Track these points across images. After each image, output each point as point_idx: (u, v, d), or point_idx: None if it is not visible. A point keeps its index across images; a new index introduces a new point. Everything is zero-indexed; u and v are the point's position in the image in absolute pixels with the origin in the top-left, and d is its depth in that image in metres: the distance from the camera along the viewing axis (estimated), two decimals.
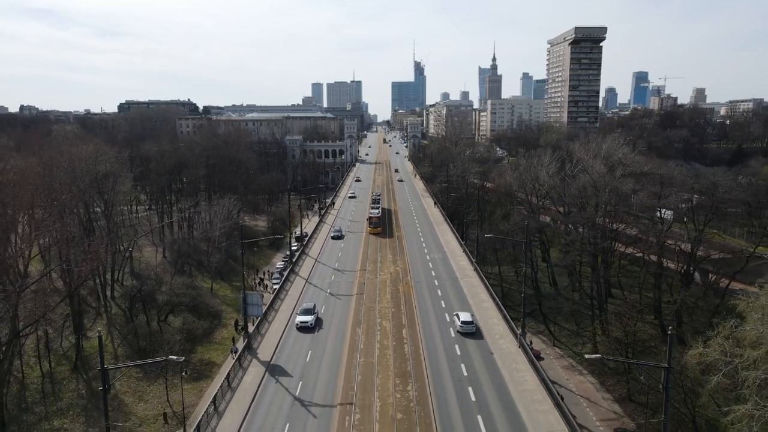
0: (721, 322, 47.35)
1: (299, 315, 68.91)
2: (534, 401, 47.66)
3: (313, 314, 69.04)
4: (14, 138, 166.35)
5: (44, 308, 57.63)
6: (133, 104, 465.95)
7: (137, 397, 70.11)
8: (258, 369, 57.83)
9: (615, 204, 75.59)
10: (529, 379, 50.83)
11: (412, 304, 75.61)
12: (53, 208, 68.60)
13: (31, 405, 67.28)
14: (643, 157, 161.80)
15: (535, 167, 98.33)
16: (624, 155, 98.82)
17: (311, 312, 69.46)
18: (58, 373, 75.40)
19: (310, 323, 66.94)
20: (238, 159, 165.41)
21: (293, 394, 52.40)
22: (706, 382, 46.47)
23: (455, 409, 47.51)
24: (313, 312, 69.78)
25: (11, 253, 63.47)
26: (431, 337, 63.95)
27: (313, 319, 68.21)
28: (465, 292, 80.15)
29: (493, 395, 49.60)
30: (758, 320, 45.04)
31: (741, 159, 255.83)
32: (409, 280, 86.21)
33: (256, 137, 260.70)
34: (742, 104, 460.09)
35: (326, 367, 57.33)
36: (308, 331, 66.80)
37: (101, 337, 41.26)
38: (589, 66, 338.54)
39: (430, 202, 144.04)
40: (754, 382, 41.78)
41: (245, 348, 60.74)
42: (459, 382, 51.90)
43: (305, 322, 66.86)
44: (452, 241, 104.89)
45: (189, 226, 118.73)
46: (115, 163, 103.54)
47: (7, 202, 59.94)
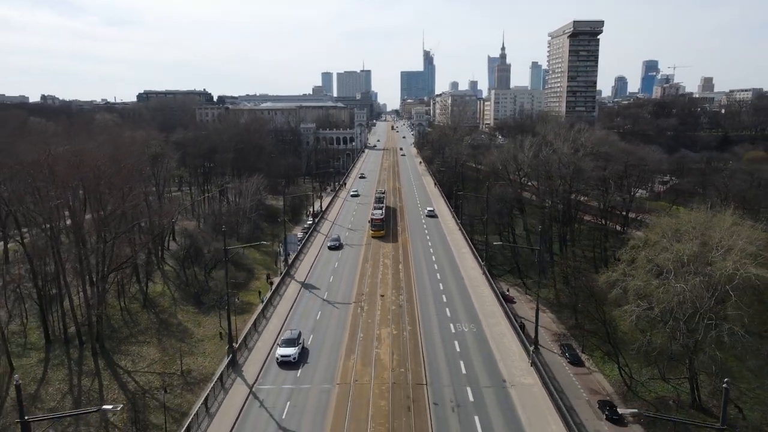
0: (624, 252, 66.97)
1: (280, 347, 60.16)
2: (485, 303, 67.63)
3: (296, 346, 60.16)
4: (62, 125, 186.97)
5: (133, 250, 77.85)
6: (152, 94, 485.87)
7: (196, 324, 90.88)
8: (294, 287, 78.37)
9: (572, 176, 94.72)
10: (486, 293, 70.96)
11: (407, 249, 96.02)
12: (127, 181, 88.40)
13: (117, 328, 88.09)
14: (626, 143, 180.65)
15: (515, 149, 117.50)
16: (586, 139, 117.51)
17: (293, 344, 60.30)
18: (132, 308, 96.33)
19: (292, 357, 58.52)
20: (260, 144, 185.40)
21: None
22: (609, 294, 66.20)
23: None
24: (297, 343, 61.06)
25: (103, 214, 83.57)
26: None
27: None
28: (451, 247, 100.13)
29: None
30: (646, 249, 64.71)
31: (726, 146, 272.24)
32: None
33: (272, 125, 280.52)
34: (741, 93, 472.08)
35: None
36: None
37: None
38: (586, 58, 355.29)
39: (430, 180, 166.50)
40: (634, 290, 61.47)
41: (285, 275, 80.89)
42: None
43: (287, 356, 58.32)
44: (444, 209, 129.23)
45: (221, 200, 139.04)
46: (165, 146, 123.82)
47: (98, 176, 79.76)
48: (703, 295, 56.18)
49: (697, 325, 58.13)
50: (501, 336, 62.50)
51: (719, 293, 55.97)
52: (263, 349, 61.97)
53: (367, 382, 53.06)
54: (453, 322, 67.14)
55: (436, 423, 46.05)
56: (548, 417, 46.64)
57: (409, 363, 56.78)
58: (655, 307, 60.11)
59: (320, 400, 50.37)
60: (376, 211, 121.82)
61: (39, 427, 59.67)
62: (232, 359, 58.79)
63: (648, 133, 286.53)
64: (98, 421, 63.97)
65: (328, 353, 60.60)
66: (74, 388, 71.08)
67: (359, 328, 66.32)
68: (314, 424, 47.00)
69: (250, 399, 51.40)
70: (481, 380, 53.57)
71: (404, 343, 61.66)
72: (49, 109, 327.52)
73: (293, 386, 53.79)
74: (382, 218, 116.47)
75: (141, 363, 77.69)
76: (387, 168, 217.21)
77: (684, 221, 64.08)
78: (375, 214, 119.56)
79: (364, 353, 59.94)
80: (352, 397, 50.89)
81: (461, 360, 57.27)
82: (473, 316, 69.02)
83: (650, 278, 61.03)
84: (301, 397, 51.46)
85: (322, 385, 53.13)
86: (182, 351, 79.02)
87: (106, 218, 75.53)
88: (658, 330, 61.11)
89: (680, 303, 57.25)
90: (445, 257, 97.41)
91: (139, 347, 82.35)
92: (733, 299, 53.77)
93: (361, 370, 55.69)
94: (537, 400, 49.50)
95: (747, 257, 54.49)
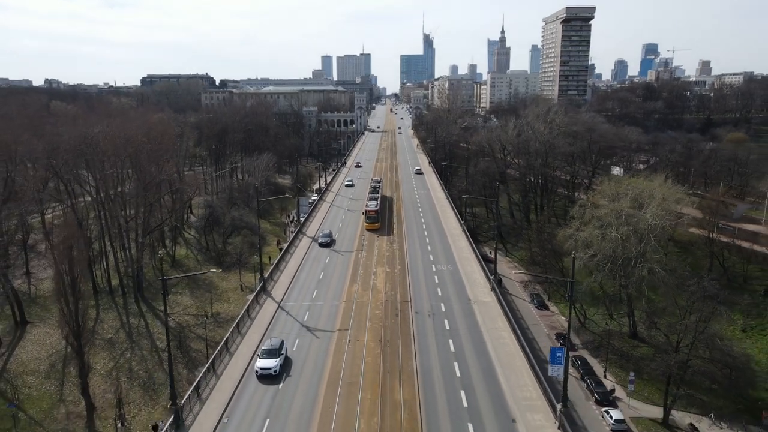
0: (576, 211, 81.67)
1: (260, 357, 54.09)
2: (462, 251, 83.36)
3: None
4: (81, 109, 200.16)
5: (166, 214, 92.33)
6: (155, 78, 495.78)
7: (220, 279, 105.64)
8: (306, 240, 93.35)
9: (546, 152, 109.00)
10: (463, 244, 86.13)
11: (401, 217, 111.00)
12: (163, 155, 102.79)
13: (152, 282, 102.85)
14: (611, 125, 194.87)
15: (499, 130, 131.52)
16: (560, 120, 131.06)
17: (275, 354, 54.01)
18: (164, 263, 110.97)
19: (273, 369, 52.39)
20: (265, 126, 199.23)
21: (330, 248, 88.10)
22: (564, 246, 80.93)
23: None
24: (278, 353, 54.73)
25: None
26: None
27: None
28: (438, 211, 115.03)
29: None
30: (592, 208, 79.39)
31: (709, 128, 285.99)
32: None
33: (276, 108, 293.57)
34: (731, 77, 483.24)
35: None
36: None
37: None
38: (578, 43, 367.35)
39: (424, 158, 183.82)
40: (582, 241, 76.10)
41: (297, 233, 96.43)
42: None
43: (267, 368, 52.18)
44: (434, 181, 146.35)
45: (233, 176, 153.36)
46: (185, 127, 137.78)
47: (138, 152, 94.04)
48: (632, 242, 70.86)
49: (632, 268, 72.94)
50: (471, 272, 78.10)
51: (645, 240, 70.60)
52: (285, 281, 79.35)
53: (366, 300, 70.21)
54: (435, 264, 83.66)
55: (416, 323, 62.63)
56: (497, 319, 62.65)
57: (398, 288, 74.02)
58: (597, 254, 74.82)
59: (330, 311, 68.20)
60: (371, 202, 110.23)
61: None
62: (263, 286, 75.27)
63: (636, 116, 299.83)
64: (150, 349, 79.13)
65: (335, 283, 77.92)
66: (125, 324, 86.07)
67: (360, 266, 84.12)
68: (328, 320, 65.03)
69: (279, 311, 69.05)
70: (452, 299, 70.09)
71: (395, 276, 78.99)
72: (64, 93, 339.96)
73: (312, 302, 71.74)
74: (376, 210, 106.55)
75: (177, 308, 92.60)
76: (385, 148, 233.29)
77: (623, 185, 78.56)
78: (369, 205, 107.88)
79: (364, 283, 76.71)
80: (355, 308, 67.92)
81: (438, 288, 73.84)
82: (451, 260, 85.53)
83: (594, 231, 75.65)
84: (317, 309, 68.98)
85: (332, 301, 71.19)
86: (211, 299, 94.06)
87: (146, 187, 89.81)
88: (599, 272, 75.74)
89: (615, 249, 71.96)
90: (431, 218, 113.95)
91: (174, 296, 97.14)
92: (653, 243, 68.31)
93: (362, 293, 72.57)
94: (491, 311, 65.63)
95: (662, 211, 69.01)
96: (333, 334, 60.72)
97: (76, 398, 65.44)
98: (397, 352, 55.84)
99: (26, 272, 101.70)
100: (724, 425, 61.63)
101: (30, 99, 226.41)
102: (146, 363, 74.59)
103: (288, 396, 48.89)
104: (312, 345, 58.96)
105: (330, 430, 43.56)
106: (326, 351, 56.98)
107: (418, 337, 58.97)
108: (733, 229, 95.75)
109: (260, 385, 50.81)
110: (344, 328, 61.92)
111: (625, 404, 64.95)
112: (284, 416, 45.76)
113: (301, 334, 61.85)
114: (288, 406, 47.22)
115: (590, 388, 66.74)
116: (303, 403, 47.60)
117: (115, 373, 71.01)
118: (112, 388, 67.19)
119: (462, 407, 45.58)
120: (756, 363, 72.42)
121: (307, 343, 59.67)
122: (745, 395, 66.47)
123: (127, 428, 57.34)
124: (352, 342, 58.37)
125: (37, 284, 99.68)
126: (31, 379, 69.84)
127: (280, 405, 47.49)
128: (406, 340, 58.36)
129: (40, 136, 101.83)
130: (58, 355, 75.46)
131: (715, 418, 62.39)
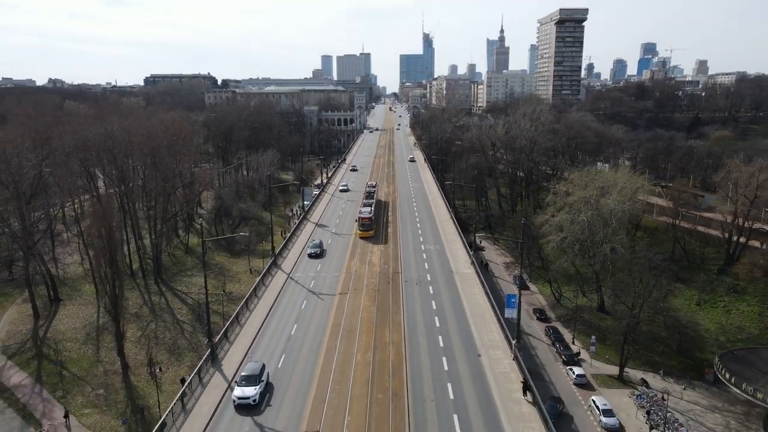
0: (550, 199, 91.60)
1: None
2: (448, 234, 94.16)
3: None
4: (93, 108, 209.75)
5: (182, 204, 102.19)
6: (158, 78, 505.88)
7: (230, 264, 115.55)
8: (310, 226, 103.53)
9: (530, 148, 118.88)
10: (450, 229, 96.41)
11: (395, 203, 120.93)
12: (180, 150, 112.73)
13: (168, 267, 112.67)
14: (600, 124, 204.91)
15: (487, 128, 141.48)
16: (545, 117, 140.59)
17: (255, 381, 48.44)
18: (176, 254, 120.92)
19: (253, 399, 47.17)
20: (269, 124, 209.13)
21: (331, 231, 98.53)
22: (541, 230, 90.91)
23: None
24: None
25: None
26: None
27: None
28: (429, 201, 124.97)
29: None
30: (563, 196, 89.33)
31: (697, 127, 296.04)
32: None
33: (278, 108, 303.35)
34: (723, 77, 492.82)
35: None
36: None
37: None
38: (572, 44, 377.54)
39: (419, 153, 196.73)
40: (555, 225, 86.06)
41: (302, 219, 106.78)
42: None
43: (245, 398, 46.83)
44: (429, 176, 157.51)
45: (238, 171, 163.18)
46: (196, 125, 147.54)
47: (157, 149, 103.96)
48: (597, 225, 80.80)
49: (598, 248, 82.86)
50: (455, 251, 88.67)
51: (608, 223, 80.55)
52: (293, 256, 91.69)
53: (363, 272, 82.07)
54: (424, 243, 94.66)
55: (405, 288, 74.28)
56: (474, 286, 73.67)
57: (390, 263, 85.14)
58: (568, 236, 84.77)
59: (332, 280, 79.26)
60: (364, 208, 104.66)
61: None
62: (274, 260, 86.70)
63: (627, 115, 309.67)
64: (172, 321, 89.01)
65: (337, 259, 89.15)
66: (147, 302, 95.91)
67: (359, 246, 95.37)
68: (331, 286, 76.62)
69: (288, 280, 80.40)
70: (437, 270, 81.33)
71: (388, 254, 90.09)
72: (71, 93, 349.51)
73: (316, 273, 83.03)
74: (371, 217, 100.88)
75: (193, 288, 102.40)
76: (384, 145, 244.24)
77: (591, 176, 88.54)
78: (363, 212, 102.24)
79: (361, 258, 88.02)
80: (353, 278, 79.62)
81: (426, 262, 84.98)
82: (438, 240, 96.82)
83: (565, 216, 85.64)
84: (321, 279, 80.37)
85: (334, 273, 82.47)
86: (224, 279, 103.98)
87: (165, 179, 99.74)
88: (569, 252, 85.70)
89: (583, 231, 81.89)
90: (423, 207, 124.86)
91: (189, 278, 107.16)
92: (614, 225, 78.26)
93: (360, 266, 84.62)
94: (470, 280, 76.73)
95: (623, 198, 79.00)
96: (335, 297, 71.92)
97: (112, 359, 75.31)
98: (388, 309, 66.92)
99: (53, 258, 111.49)
100: (671, 380, 71.50)
101: (42, 99, 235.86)
102: (169, 332, 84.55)
103: (297, 344, 59.09)
104: (317, 305, 69.68)
105: (333, 360, 54.89)
106: (329, 309, 68.14)
107: (406, 298, 70.41)
108: (695, 217, 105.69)
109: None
110: (344, 292, 73.22)
111: (588, 364, 74.99)
112: (297, 352, 57.53)
113: (308, 297, 72.96)
114: (299, 348, 58.41)
115: (559, 352, 76.85)
116: (310, 346, 58.57)
117: (144, 340, 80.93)
118: (142, 351, 77.19)
119: (439, 347, 56.39)
120: (705, 330, 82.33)
121: (313, 304, 70.42)
122: (693, 356, 76.47)
123: (159, 380, 66.94)
124: (350, 302, 69.27)
125: (63, 268, 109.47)
126: (71, 345, 79.73)
127: (292, 347, 58.53)
128: (396, 300, 69.69)
129: (68, 134, 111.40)
130: (91, 326, 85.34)
131: (663, 374, 72.31)
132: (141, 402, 65.85)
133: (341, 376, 51.51)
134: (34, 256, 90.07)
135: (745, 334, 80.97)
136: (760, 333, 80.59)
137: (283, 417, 45.19)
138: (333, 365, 53.33)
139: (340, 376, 51.37)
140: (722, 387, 68.78)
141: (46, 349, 78.77)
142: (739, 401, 66.39)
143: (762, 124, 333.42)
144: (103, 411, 63.99)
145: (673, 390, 69.31)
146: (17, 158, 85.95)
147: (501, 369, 50.99)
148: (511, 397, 46.62)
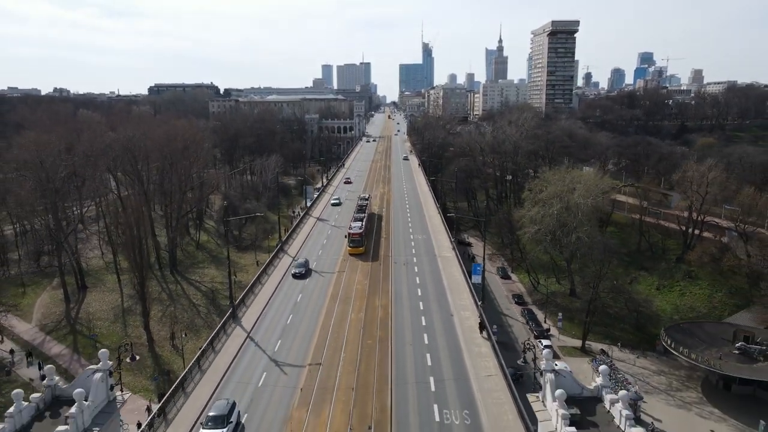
0: (526, 195, 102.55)
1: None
2: (435, 225, 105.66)
3: None
4: (105, 117, 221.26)
5: (194, 203, 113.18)
6: (162, 87, 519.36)
7: (238, 257, 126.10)
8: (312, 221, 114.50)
9: (514, 152, 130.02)
10: (437, 222, 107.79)
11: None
12: (195, 154, 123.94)
13: (181, 260, 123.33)
14: (587, 131, 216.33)
15: (476, 134, 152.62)
16: (528, 124, 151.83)
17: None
18: (188, 249, 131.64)
19: None
20: (272, 131, 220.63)
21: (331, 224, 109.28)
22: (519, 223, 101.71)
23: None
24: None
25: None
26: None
27: None
28: (421, 199, 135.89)
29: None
30: (537, 193, 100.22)
31: (683, 134, 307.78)
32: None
33: (281, 116, 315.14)
34: (714, 86, 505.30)
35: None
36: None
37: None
38: (564, 54, 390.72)
39: (414, 157, 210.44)
40: (529, 218, 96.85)
41: (305, 213, 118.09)
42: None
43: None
44: (422, 178, 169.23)
45: (243, 175, 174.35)
46: (206, 132, 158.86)
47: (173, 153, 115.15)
48: (565, 217, 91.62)
49: (567, 238, 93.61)
50: (440, 240, 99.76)
51: (574, 214, 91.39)
52: (296, 245, 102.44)
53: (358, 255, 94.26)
54: (413, 233, 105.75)
55: (394, 269, 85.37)
56: (453, 266, 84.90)
57: (381, 249, 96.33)
58: (541, 228, 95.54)
59: (331, 262, 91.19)
60: (355, 223, 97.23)
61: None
62: (281, 247, 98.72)
63: (616, 123, 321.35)
64: (188, 305, 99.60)
65: (336, 245, 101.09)
66: (165, 289, 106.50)
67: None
68: (330, 266, 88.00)
69: (293, 260, 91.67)
70: (423, 254, 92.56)
71: (380, 241, 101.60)
72: (80, 102, 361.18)
73: (317, 257, 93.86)
74: (360, 233, 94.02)
75: (205, 278, 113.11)
76: (381, 151, 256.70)
77: (562, 174, 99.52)
78: (353, 227, 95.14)
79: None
80: (350, 260, 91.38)
81: (413, 248, 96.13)
82: (425, 231, 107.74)
83: (539, 209, 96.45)
84: (321, 261, 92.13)
85: (333, 257, 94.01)
86: (234, 270, 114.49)
87: (181, 179, 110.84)
88: (543, 242, 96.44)
89: (553, 223, 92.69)
90: (414, 204, 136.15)
91: (201, 270, 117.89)
92: (580, 217, 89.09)
93: (354, 250, 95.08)
94: (451, 261, 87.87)
95: (587, 193, 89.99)
96: (333, 275, 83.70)
97: (139, 334, 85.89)
98: (378, 282, 79.23)
99: (76, 250, 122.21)
100: (627, 351, 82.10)
101: (55, 107, 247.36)
102: (187, 313, 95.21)
103: (302, 308, 69.72)
104: (317, 286, 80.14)
105: (332, 317, 67.18)
106: (328, 284, 79.91)
107: (394, 274, 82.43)
108: (659, 213, 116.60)
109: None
110: (341, 271, 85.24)
111: (556, 339, 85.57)
112: (302, 313, 69.39)
113: (312, 277, 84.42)
114: (303, 310, 69.09)
115: (531, 329, 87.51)
116: (313, 309, 70.27)
117: (165, 319, 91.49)
118: (164, 328, 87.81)
119: (419, 309, 68.24)
120: (662, 311, 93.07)
121: (313, 284, 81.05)
122: (649, 332, 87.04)
123: (183, 347, 77.41)
124: (346, 278, 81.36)
125: (86, 261, 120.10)
126: (101, 323, 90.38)
127: (297, 309, 69.21)
128: (386, 276, 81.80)
129: (93, 140, 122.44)
130: (118, 309, 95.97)
131: (621, 346, 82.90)
132: (166, 367, 76.45)
133: (338, 328, 64.11)
134: (65, 249, 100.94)
135: (695, 313, 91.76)
136: (708, 311, 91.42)
137: (293, 354, 58.61)
138: (331, 321, 66.03)
139: (337, 328, 63.99)
140: (671, 356, 79.23)
141: (79, 327, 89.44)
142: (683, 367, 76.99)
143: (748, 131, 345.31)
144: (135, 374, 74.52)
145: (628, 358, 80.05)
146: (52, 158, 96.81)
147: (468, 324, 62.96)
148: (474, 341, 58.70)
